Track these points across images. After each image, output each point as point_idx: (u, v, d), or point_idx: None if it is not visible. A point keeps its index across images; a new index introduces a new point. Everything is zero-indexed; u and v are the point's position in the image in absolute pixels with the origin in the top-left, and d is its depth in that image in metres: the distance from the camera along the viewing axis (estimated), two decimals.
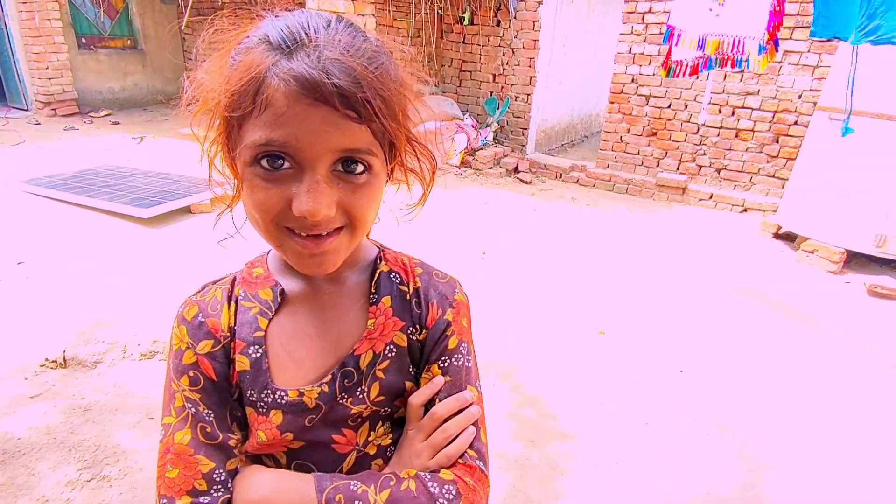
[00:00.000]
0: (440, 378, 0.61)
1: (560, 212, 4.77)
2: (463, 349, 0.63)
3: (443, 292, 0.64)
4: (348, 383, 0.59)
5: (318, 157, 0.47)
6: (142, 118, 7.33)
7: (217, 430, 0.56)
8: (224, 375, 0.58)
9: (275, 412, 0.57)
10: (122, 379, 2.13)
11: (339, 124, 0.47)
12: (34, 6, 6.38)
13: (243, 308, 0.60)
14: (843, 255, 3.58)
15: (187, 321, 0.59)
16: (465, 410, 0.61)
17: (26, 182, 4.07)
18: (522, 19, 5.97)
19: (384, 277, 0.63)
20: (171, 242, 3.38)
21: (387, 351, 0.61)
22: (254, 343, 0.58)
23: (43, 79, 6.69)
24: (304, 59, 0.46)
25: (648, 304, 3.07)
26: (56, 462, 1.72)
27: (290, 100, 0.45)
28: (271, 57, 0.47)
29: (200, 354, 0.57)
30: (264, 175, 0.48)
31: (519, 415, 2.10)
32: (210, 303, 0.60)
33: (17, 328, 2.37)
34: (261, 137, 0.47)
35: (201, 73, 0.52)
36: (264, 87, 0.46)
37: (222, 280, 0.64)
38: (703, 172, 5.21)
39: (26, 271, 2.88)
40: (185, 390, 0.57)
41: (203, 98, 0.52)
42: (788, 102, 4.65)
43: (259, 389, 0.57)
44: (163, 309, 2.58)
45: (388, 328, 0.61)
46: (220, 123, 0.51)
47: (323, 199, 0.48)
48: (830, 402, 2.28)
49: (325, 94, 0.45)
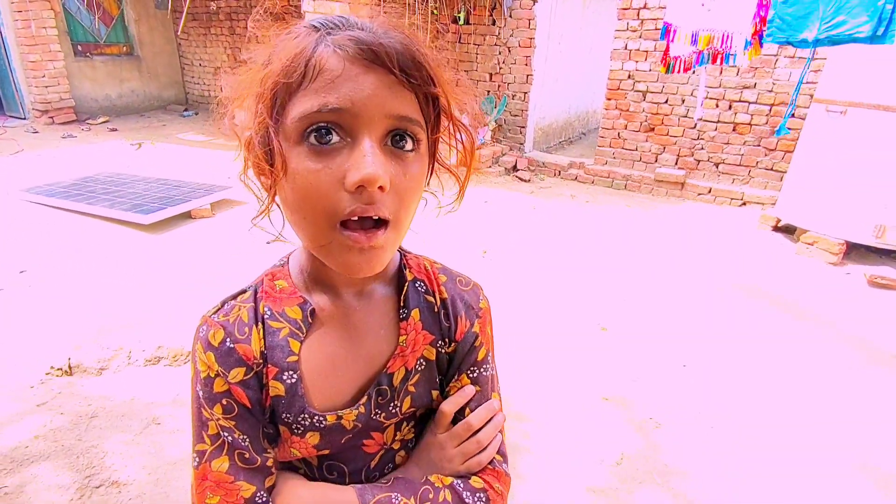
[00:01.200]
0: (471, 388, 0.63)
1: (559, 209, 4.78)
2: (489, 358, 0.65)
3: (469, 302, 0.64)
4: (382, 400, 0.60)
5: (373, 123, 0.46)
6: (139, 124, 7.34)
7: (254, 453, 0.56)
8: (257, 401, 0.57)
9: (312, 434, 0.57)
10: (127, 385, 2.14)
11: (393, 88, 0.46)
12: (29, 15, 6.39)
13: (272, 329, 0.57)
14: (842, 247, 3.59)
15: (214, 347, 0.55)
16: (494, 419, 0.63)
17: (26, 191, 4.08)
18: (518, 18, 5.98)
19: (411, 288, 0.62)
20: (173, 248, 3.39)
21: (417, 366, 0.61)
22: (288, 368, 0.57)
23: (40, 87, 6.71)
24: (355, 30, 0.47)
25: (650, 300, 3.08)
26: (64, 469, 1.72)
27: (346, 62, 0.45)
28: (320, 33, 0.47)
29: (233, 383, 0.55)
30: (314, 152, 0.46)
31: (520, 413, 2.11)
32: (236, 325, 0.56)
33: (21, 337, 2.38)
34: (313, 105, 0.45)
35: (241, 65, 0.51)
36: (316, 54, 0.45)
37: (243, 295, 0.59)
38: (701, 167, 5.22)
39: (29, 280, 2.88)
40: (219, 419, 0.55)
41: (243, 86, 0.50)
42: (785, 95, 4.65)
43: (296, 413, 0.57)
44: (166, 314, 2.59)
45: (419, 343, 0.61)
46: (266, 106, 0.48)
47: (380, 164, 0.45)
48: (833, 392, 2.29)
49: (381, 56, 0.45)
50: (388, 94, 0.46)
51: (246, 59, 0.51)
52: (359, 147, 0.45)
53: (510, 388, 2.24)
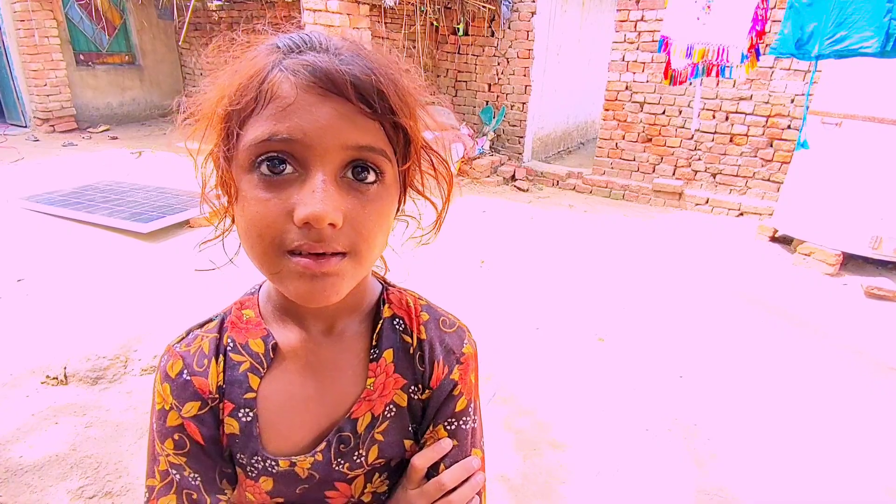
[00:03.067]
0: (447, 441, 0.57)
1: (558, 219, 4.79)
2: (470, 410, 0.59)
3: (449, 346, 0.59)
4: (344, 448, 0.55)
5: (327, 155, 0.42)
6: (140, 133, 7.37)
7: (204, 494, 0.53)
8: (212, 438, 0.53)
9: (265, 479, 0.54)
10: (123, 395, 2.13)
11: (352, 118, 0.42)
12: (32, 24, 6.44)
13: (233, 363, 0.54)
14: (839, 258, 3.60)
15: (171, 378, 0.53)
16: (471, 479, 0.57)
17: (26, 199, 4.09)
18: (516, 29, 6.04)
19: (387, 326, 0.58)
20: (171, 257, 3.39)
21: (386, 412, 0.56)
22: (244, 405, 0.53)
23: (41, 95, 6.74)
24: (314, 54, 0.44)
25: (647, 310, 3.09)
26: (59, 479, 1.72)
27: (299, 89, 0.42)
28: (279, 55, 0.44)
29: (186, 417, 0.52)
30: (263, 182, 0.43)
31: (514, 426, 2.11)
32: (196, 356, 0.54)
33: (17, 345, 2.38)
34: (263, 132, 0.42)
35: (204, 83, 0.48)
36: (269, 79, 0.42)
37: (209, 324, 0.57)
38: (698, 177, 5.25)
39: (26, 288, 2.88)
40: (169, 455, 0.52)
41: (202, 107, 0.47)
42: (781, 107, 4.69)
43: (249, 455, 0.53)
44: (163, 323, 2.59)
45: (389, 387, 0.56)
46: (219, 130, 0.46)
47: (330, 201, 0.41)
48: (829, 404, 2.29)
49: (338, 84, 0.41)
50: (345, 124, 0.42)
51: (208, 78, 0.48)
52: (310, 181, 0.42)
53: (509, 396, 2.24)
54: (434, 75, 6.83)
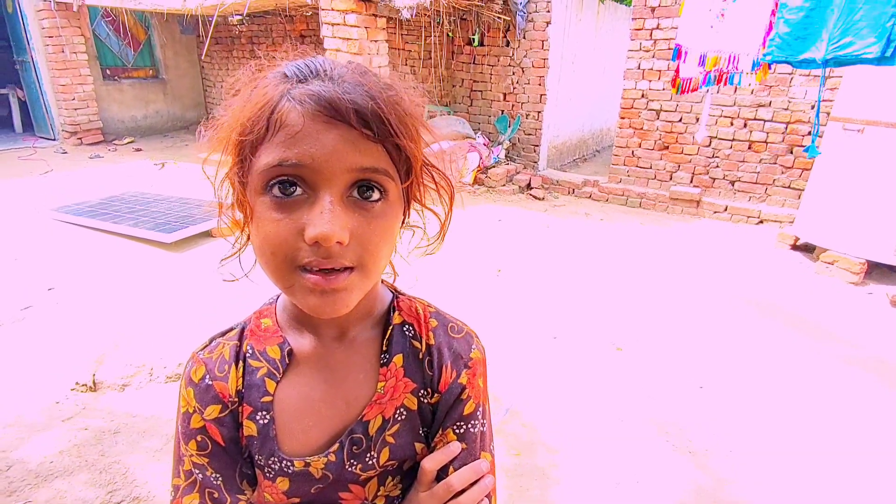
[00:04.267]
0: (456, 444, 0.59)
1: (574, 227, 4.78)
2: (479, 414, 0.61)
3: (457, 351, 0.61)
4: (357, 450, 0.57)
5: (333, 178, 0.46)
6: (163, 144, 7.56)
7: (225, 493, 0.56)
8: (232, 439, 0.57)
9: (281, 479, 0.56)
10: (149, 402, 2.19)
11: (355, 143, 0.46)
12: (61, 40, 6.68)
13: (251, 368, 0.57)
14: (863, 266, 3.53)
15: (194, 383, 0.57)
16: (480, 481, 0.59)
17: (55, 210, 4.22)
18: (531, 39, 6.07)
19: (397, 332, 0.60)
20: (193, 266, 3.47)
21: (397, 415, 0.58)
22: (261, 409, 0.56)
23: (69, 109, 6.97)
24: (318, 83, 0.47)
25: (666, 319, 3.06)
26: (88, 484, 1.77)
27: (306, 118, 0.45)
28: (286, 84, 0.48)
29: (208, 420, 0.56)
30: (276, 203, 0.46)
31: (529, 433, 2.10)
32: (217, 362, 0.58)
33: (48, 352, 2.45)
34: (274, 158, 0.45)
35: (220, 109, 0.52)
36: (278, 109, 0.46)
37: (230, 332, 0.61)
38: (716, 185, 5.20)
39: (56, 297, 2.97)
40: (192, 455, 0.56)
41: (219, 133, 0.51)
42: (801, 113, 4.64)
43: (266, 456, 0.56)
44: (187, 332, 2.64)
45: (399, 391, 0.59)
46: (233, 156, 0.50)
47: (337, 221, 0.45)
48: (855, 416, 2.24)
49: (341, 112, 0.45)
50: (349, 148, 0.46)
51: (225, 106, 0.52)
52: (318, 202, 0.46)
53: (523, 407, 2.24)
54: (449, 85, 6.89)
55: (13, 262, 3.40)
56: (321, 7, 4.54)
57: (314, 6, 5.07)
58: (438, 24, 6.31)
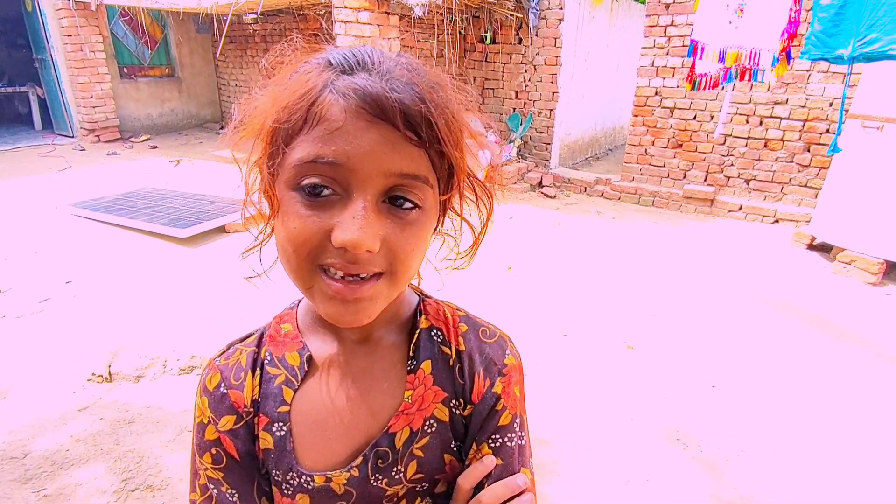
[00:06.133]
0: (491, 459, 0.53)
1: (585, 226, 4.76)
2: (516, 426, 0.56)
3: (490, 357, 0.56)
4: (382, 464, 0.52)
5: (369, 181, 0.42)
6: (178, 142, 7.67)
7: None
8: (248, 453, 0.53)
9: (301, 496, 0.53)
10: (162, 393, 2.22)
11: (397, 145, 0.42)
12: (80, 39, 6.80)
13: (269, 376, 0.54)
14: (882, 266, 3.47)
15: (209, 392, 0.54)
16: (517, 498, 0.52)
17: (73, 205, 4.30)
18: (544, 37, 6.05)
19: (424, 336, 0.56)
20: (208, 261, 3.52)
21: (426, 427, 0.54)
22: (278, 419, 0.53)
23: (87, 107, 7.09)
24: (366, 76, 0.43)
25: (679, 319, 3.03)
26: (102, 473, 1.80)
27: (348, 114, 0.42)
28: (329, 74, 0.44)
29: (222, 432, 0.53)
30: (305, 201, 0.43)
31: (544, 434, 2.10)
32: (234, 370, 0.55)
33: (66, 344, 2.50)
34: (309, 154, 0.42)
35: (256, 92, 0.48)
36: (319, 100, 0.42)
37: (249, 338, 0.58)
38: (731, 183, 5.13)
39: (74, 290, 3.03)
40: (207, 469, 0.53)
41: (252, 118, 0.47)
42: (819, 111, 4.56)
43: (284, 471, 0.52)
44: (200, 325, 2.68)
45: (428, 400, 0.54)
46: (266, 144, 0.46)
47: (369, 228, 0.42)
48: (872, 418, 2.20)
49: (386, 111, 0.42)
50: (389, 150, 0.42)
51: (262, 87, 0.48)
52: (351, 206, 0.43)
53: (532, 405, 2.24)
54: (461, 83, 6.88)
55: (33, 256, 3.47)
56: (334, 5, 4.56)
57: (327, 4, 5.10)
58: (451, 22, 6.31)
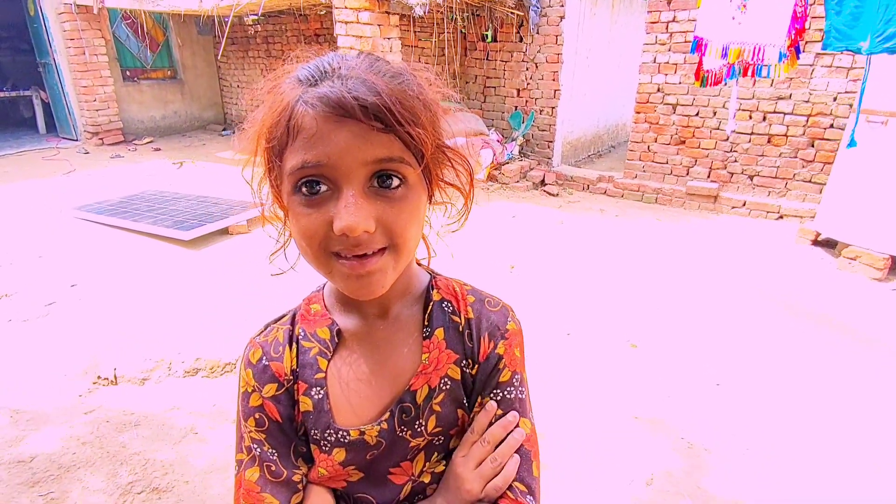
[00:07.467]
0: (492, 404, 0.63)
1: (588, 223, 4.75)
2: (515, 381, 0.64)
3: (494, 323, 0.64)
4: (406, 418, 0.61)
5: (351, 172, 0.49)
6: (181, 144, 7.69)
7: (281, 467, 0.60)
8: (288, 416, 0.62)
9: (338, 450, 0.61)
10: (168, 395, 2.23)
11: (366, 136, 0.48)
12: (83, 43, 6.83)
13: (304, 349, 0.63)
14: (887, 262, 3.44)
15: (253, 364, 0.62)
16: (510, 436, 0.62)
17: (77, 208, 4.33)
18: (545, 34, 6.03)
19: (436, 308, 0.64)
20: (211, 263, 3.53)
21: (442, 384, 0.62)
22: (315, 385, 0.61)
23: (91, 110, 7.12)
24: (328, 84, 0.49)
25: (682, 316, 3.02)
26: (110, 475, 1.81)
27: (319, 120, 0.48)
28: (300, 89, 0.51)
29: (266, 398, 0.61)
30: (305, 201, 0.50)
31: (547, 431, 2.10)
32: (273, 345, 0.63)
33: (72, 347, 2.52)
34: (297, 162, 0.49)
35: (247, 121, 0.57)
36: (294, 114, 0.49)
37: (283, 318, 0.67)
38: (735, 180, 5.11)
39: (79, 293, 3.05)
40: (251, 431, 0.61)
41: (249, 142, 0.56)
42: (823, 105, 4.52)
43: (322, 429, 0.61)
44: (204, 327, 2.69)
45: (442, 361, 0.63)
46: (265, 161, 0.55)
47: (360, 212, 0.49)
48: (879, 416, 2.19)
49: (348, 109, 0.47)
50: (362, 142, 0.48)
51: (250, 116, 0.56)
52: (342, 197, 0.49)
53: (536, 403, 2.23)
54: (463, 82, 6.88)
55: (38, 260, 3.49)
56: (334, 5, 4.56)
57: (327, 5, 5.10)
58: (451, 21, 6.30)
